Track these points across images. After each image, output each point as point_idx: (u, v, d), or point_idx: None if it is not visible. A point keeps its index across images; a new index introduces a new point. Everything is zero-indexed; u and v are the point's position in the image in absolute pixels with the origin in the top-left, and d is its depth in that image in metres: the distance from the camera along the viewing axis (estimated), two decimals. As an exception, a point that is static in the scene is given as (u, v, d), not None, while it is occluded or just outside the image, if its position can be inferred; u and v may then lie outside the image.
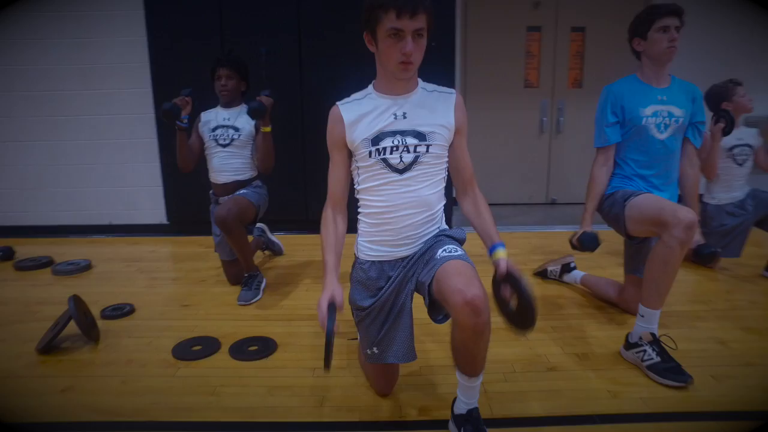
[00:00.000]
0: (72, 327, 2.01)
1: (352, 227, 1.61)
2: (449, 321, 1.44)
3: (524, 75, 4.71)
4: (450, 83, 3.74)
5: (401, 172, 1.41)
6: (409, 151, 1.40)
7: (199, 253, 3.32)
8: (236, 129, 2.56)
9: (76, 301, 2.09)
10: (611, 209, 2.09)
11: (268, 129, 2.47)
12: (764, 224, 2.71)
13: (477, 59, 4.52)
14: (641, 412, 1.56)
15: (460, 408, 1.40)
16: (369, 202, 1.47)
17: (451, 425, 1.45)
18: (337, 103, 1.51)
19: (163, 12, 3.52)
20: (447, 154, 1.48)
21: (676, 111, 2.02)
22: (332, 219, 1.53)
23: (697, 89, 2.10)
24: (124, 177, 3.80)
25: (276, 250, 3.26)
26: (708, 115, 2.43)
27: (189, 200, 3.76)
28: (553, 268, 2.73)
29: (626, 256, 2.26)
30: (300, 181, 3.77)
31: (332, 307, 1.36)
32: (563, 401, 1.62)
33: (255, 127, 2.58)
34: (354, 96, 1.50)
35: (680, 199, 2.15)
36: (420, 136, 1.41)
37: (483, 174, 4.11)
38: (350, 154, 1.50)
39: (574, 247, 2.15)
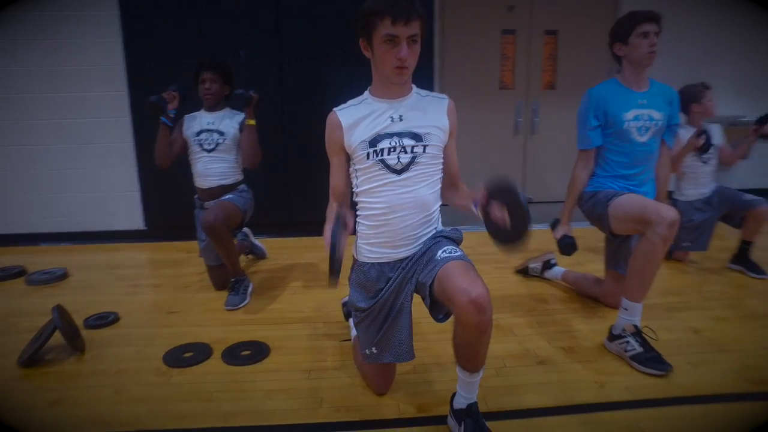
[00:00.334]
0: (53, 338, 1.97)
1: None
2: (449, 320, 1.49)
3: (499, 77, 4.81)
4: (429, 85, 3.81)
5: (399, 172, 1.45)
6: (406, 152, 1.44)
7: (180, 258, 3.27)
8: (221, 133, 2.55)
9: (60, 310, 2.04)
10: (594, 209, 2.18)
11: (252, 122, 2.46)
12: (728, 219, 2.86)
13: (453, 61, 4.60)
14: (627, 400, 1.64)
15: (460, 403, 1.44)
16: (368, 204, 1.50)
17: (450, 420, 1.50)
18: (334, 109, 1.53)
19: (138, 12, 3.45)
20: (442, 156, 1.52)
21: (656, 114, 2.12)
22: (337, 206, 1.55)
23: (675, 93, 2.21)
24: (99, 182, 3.70)
25: (259, 254, 3.25)
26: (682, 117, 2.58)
27: (167, 205, 3.70)
28: (535, 265, 2.82)
29: (607, 253, 2.35)
30: (281, 184, 3.77)
31: (338, 220, 1.34)
32: (554, 393, 1.69)
33: (239, 130, 2.57)
34: (350, 102, 1.53)
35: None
36: (416, 137, 1.45)
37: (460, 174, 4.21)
38: (349, 158, 1.52)
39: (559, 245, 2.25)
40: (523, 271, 2.86)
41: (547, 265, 2.76)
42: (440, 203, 1.56)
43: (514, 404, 1.63)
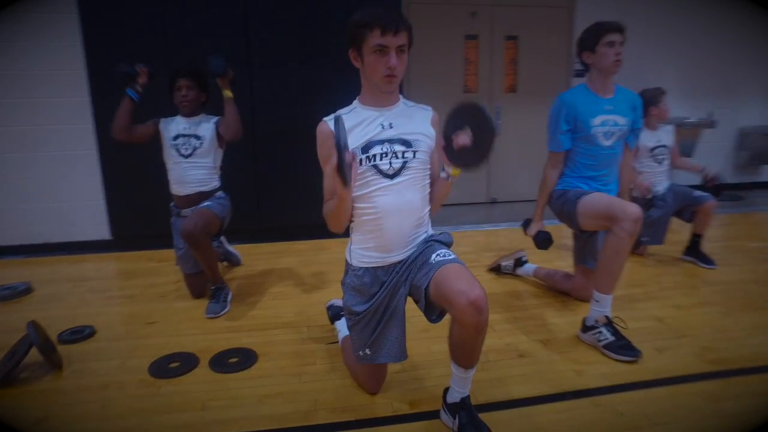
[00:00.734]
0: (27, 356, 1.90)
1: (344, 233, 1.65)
2: (441, 320, 1.56)
3: (463, 81, 4.96)
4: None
5: (392, 177, 1.50)
6: (397, 157, 1.50)
7: (151, 268, 3.20)
8: (198, 137, 2.53)
9: (36, 326, 1.98)
10: (564, 207, 2.31)
11: (230, 94, 2.45)
12: (681, 214, 3.08)
13: (419, 66, 4.70)
14: (604, 386, 1.76)
15: (454, 397, 1.51)
16: (362, 210, 1.54)
17: (443, 414, 1.57)
18: (324, 119, 1.57)
19: (100, 15, 3.34)
20: (430, 162, 1.59)
21: (621, 120, 2.26)
22: None
23: (638, 98, 2.37)
24: (61, 192, 3.56)
25: (234, 261, 3.23)
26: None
27: (134, 214, 3.61)
28: (507, 263, 2.94)
29: (575, 249, 2.49)
30: (252, 190, 3.74)
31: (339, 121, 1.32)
32: (536, 383, 1.79)
33: (215, 126, 2.56)
34: (340, 111, 1.57)
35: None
36: (406, 143, 1.52)
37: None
38: None
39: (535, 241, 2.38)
40: (496, 269, 2.97)
41: (519, 262, 2.89)
42: (429, 207, 1.63)
43: (501, 396, 1.72)
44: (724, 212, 4.23)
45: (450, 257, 1.47)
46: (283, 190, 3.83)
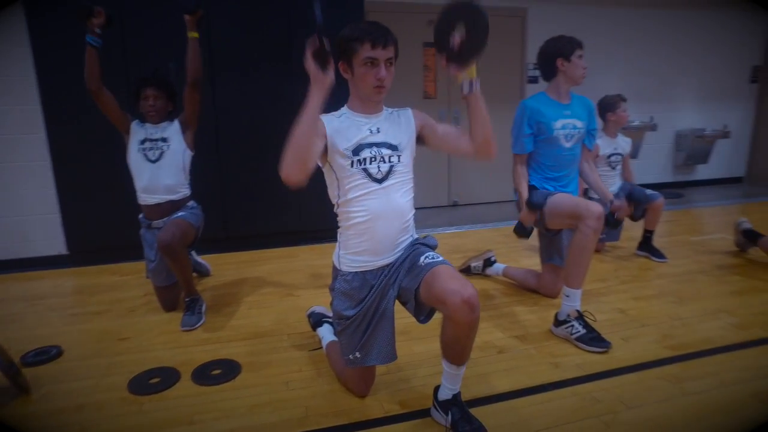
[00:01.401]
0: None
1: (332, 237, 1.68)
2: (429, 321, 1.62)
3: (423, 87, 5.08)
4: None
5: (380, 181, 1.55)
6: (385, 161, 1.55)
7: (115, 282, 3.08)
8: (164, 140, 2.46)
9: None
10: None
11: (195, 34, 2.40)
12: (633, 211, 3.29)
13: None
14: (580, 376, 1.87)
15: (445, 394, 1.57)
16: (351, 214, 1.57)
17: (435, 412, 1.62)
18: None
19: (50, 18, 3.18)
20: (412, 166, 1.64)
21: (578, 123, 2.42)
22: None
23: (591, 102, 2.54)
24: (11, 206, 3.36)
25: (203, 272, 3.16)
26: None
27: (92, 227, 3.46)
28: (476, 264, 3.04)
29: (542, 248, 2.62)
30: (218, 199, 3.67)
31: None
32: (517, 377, 1.88)
33: (179, 123, 2.51)
34: (329, 114, 1.60)
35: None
36: (392, 147, 1.57)
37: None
38: (324, 150, 1.55)
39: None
40: (466, 270, 3.06)
41: (488, 262, 3.00)
42: (414, 211, 1.68)
43: (486, 391, 1.79)
44: (666, 209, 4.54)
45: (438, 259, 1.53)
46: (250, 199, 3.78)
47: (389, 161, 1.56)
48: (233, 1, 3.50)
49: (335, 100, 1.66)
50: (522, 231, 2.46)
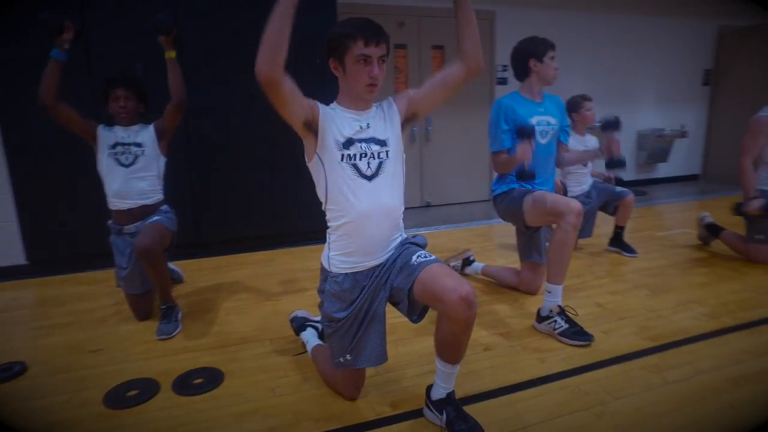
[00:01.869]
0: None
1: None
2: (421, 320, 1.61)
3: (394, 89, 5.08)
4: (335, 96, 3.90)
5: (370, 179, 1.52)
6: (374, 158, 1.53)
7: (82, 292, 2.93)
8: (138, 145, 2.37)
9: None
10: (509, 206, 2.46)
11: (173, 54, 2.33)
12: (604, 208, 3.39)
13: (352, 74, 4.75)
14: (566, 370, 1.91)
15: (439, 393, 1.56)
16: (341, 213, 1.54)
17: (428, 412, 1.61)
18: None
19: (5, 16, 3.01)
20: (403, 160, 1.62)
21: (552, 120, 2.47)
22: None
23: (561, 100, 2.60)
24: (-38, 214, 3.15)
25: (176, 278, 3.05)
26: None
27: (52, 236, 3.29)
28: (455, 263, 3.06)
29: (520, 246, 2.66)
30: (189, 204, 3.56)
31: None
32: (506, 373, 1.89)
33: (156, 130, 2.42)
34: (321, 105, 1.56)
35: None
36: (380, 142, 1.56)
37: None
38: (313, 140, 1.51)
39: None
40: (445, 270, 3.07)
41: (467, 262, 3.02)
42: (403, 209, 1.66)
43: (476, 388, 1.79)
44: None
45: (431, 258, 1.52)
46: (222, 203, 3.68)
47: (378, 157, 1.54)
48: (203, 2, 3.41)
49: (327, 99, 1.64)
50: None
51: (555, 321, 2.15)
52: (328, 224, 1.61)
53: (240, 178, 3.70)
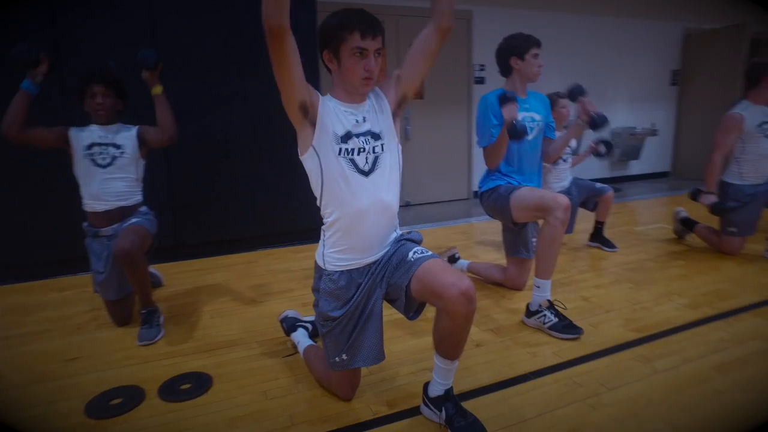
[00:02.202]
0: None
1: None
2: (418, 317, 1.59)
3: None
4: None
5: (367, 174, 1.49)
6: (371, 152, 1.50)
7: (54, 299, 2.81)
8: (117, 146, 2.28)
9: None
10: (497, 202, 2.47)
11: (159, 89, 2.27)
12: (585, 204, 3.46)
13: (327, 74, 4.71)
14: (558, 363, 1.92)
15: (437, 390, 1.54)
16: (336, 209, 1.51)
17: (426, 409, 1.59)
18: None
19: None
20: (399, 154, 1.60)
21: (537, 116, 2.49)
22: None
23: (546, 97, 2.63)
24: None
25: (155, 282, 2.95)
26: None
27: (16, 241, 3.14)
28: (441, 260, 3.05)
29: (507, 242, 2.67)
30: (166, 206, 3.45)
31: None
32: (499, 369, 1.90)
33: (138, 136, 2.34)
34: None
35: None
36: (376, 136, 1.53)
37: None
38: (311, 133, 1.46)
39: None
40: (430, 268, 3.06)
41: (452, 259, 3.02)
42: (398, 206, 1.65)
43: (471, 384, 1.79)
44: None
45: (428, 253, 1.51)
46: (200, 205, 3.59)
47: (374, 152, 1.51)
48: (181, 3, 3.32)
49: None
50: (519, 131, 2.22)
51: (544, 315, 2.17)
52: (323, 220, 1.57)
53: (218, 179, 3.62)
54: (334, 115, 1.48)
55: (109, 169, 2.27)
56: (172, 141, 2.34)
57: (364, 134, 1.50)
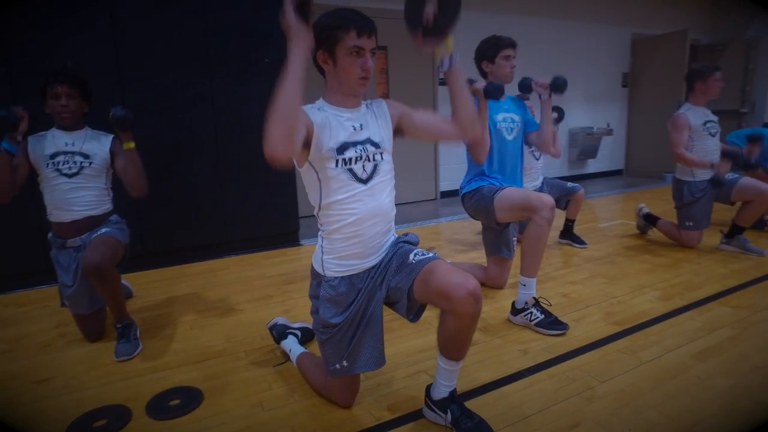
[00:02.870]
0: None
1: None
2: (419, 319, 1.58)
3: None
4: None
5: (365, 182, 1.48)
6: (369, 160, 1.49)
7: (14, 315, 2.61)
8: (85, 156, 2.14)
9: None
10: (480, 203, 2.50)
11: (131, 145, 2.16)
12: (557, 203, 3.51)
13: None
14: (549, 359, 1.96)
15: (442, 392, 1.54)
16: (337, 217, 1.48)
17: (429, 411, 1.59)
18: None
19: None
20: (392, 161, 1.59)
21: (516, 117, 2.55)
22: None
23: (520, 100, 2.69)
24: None
25: (126, 293, 2.80)
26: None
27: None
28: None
29: (487, 242, 2.71)
30: (133, 213, 3.28)
31: None
32: (494, 367, 1.92)
33: (110, 152, 2.21)
34: (308, 106, 1.48)
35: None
36: (375, 144, 1.51)
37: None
38: (305, 147, 1.42)
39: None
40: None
41: (432, 259, 3.03)
42: (395, 211, 1.63)
43: (469, 384, 1.79)
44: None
45: (429, 255, 1.51)
46: (167, 211, 3.44)
47: (373, 159, 1.50)
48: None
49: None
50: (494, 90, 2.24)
51: (531, 313, 2.22)
52: (321, 228, 1.54)
53: (185, 184, 3.48)
54: (330, 125, 1.45)
55: (76, 179, 2.13)
56: (142, 196, 2.25)
57: (362, 142, 1.48)
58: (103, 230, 2.16)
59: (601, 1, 6.27)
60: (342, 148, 1.45)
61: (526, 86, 2.56)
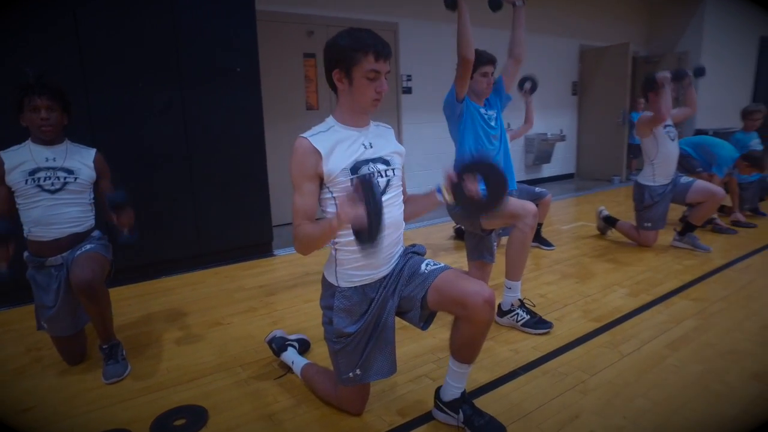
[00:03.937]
0: None
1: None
2: (429, 327, 1.64)
3: (305, 98, 5.02)
4: (257, 106, 3.74)
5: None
6: (382, 176, 1.54)
7: (-23, 341, 2.44)
8: (69, 172, 2.05)
9: None
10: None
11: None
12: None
13: (265, 85, 4.59)
14: (540, 357, 2.08)
15: (453, 394, 1.61)
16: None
17: (439, 413, 1.65)
18: (303, 135, 1.50)
19: None
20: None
21: (493, 114, 2.63)
22: None
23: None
24: None
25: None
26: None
27: None
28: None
29: (470, 247, 2.79)
30: (99, 226, 3.14)
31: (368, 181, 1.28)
32: (490, 367, 2.01)
33: (96, 170, 2.13)
34: (316, 128, 1.52)
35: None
36: (386, 162, 1.57)
37: (281, 194, 4.22)
38: (321, 184, 1.51)
39: None
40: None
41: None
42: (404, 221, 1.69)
43: (468, 386, 1.82)
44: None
45: (441, 265, 1.57)
46: (136, 224, 3.31)
47: (386, 175, 1.55)
48: (108, 2, 3.06)
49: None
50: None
51: (517, 314, 2.33)
52: (336, 242, 1.56)
53: (156, 196, 3.37)
54: (340, 146, 1.49)
55: (60, 195, 2.03)
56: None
57: (374, 160, 1.54)
58: (88, 246, 2.07)
59: (551, 15, 6.61)
60: (355, 168, 1.49)
61: (496, 3, 2.59)
